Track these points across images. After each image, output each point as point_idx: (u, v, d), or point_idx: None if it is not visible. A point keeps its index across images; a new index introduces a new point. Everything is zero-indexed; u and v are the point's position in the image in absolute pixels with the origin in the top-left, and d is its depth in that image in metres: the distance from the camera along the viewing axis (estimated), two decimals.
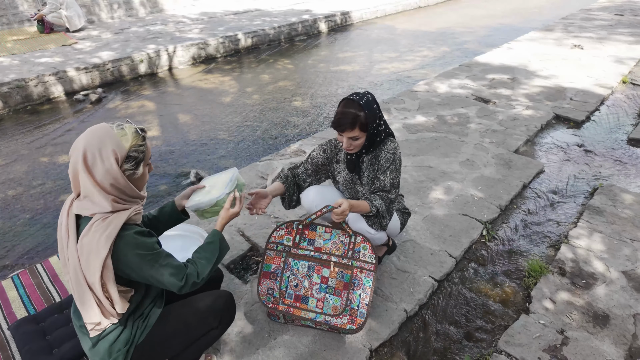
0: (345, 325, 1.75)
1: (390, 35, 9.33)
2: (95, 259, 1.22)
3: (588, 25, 8.38)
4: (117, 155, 1.23)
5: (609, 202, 2.84)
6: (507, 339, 1.88)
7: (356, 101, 1.75)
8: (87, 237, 1.23)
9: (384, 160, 1.87)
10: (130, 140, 1.27)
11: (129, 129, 1.29)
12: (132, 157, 1.27)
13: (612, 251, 2.40)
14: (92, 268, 1.23)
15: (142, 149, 1.30)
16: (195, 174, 3.68)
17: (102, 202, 1.24)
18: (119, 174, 1.24)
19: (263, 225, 2.63)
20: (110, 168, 1.22)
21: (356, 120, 1.73)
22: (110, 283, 1.26)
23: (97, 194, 1.23)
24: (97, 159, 1.21)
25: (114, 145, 1.23)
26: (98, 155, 1.21)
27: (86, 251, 1.23)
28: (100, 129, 1.25)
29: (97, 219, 1.25)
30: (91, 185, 1.22)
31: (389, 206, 1.89)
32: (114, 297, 1.28)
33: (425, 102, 4.65)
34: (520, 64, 5.95)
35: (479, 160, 3.39)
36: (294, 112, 5.22)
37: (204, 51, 7.35)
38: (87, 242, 1.23)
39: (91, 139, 1.23)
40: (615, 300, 2.08)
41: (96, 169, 1.22)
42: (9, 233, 3.10)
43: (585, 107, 4.45)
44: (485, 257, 2.46)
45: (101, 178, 1.23)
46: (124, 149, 1.25)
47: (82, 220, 1.29)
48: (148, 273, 1.30)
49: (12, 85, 5.27)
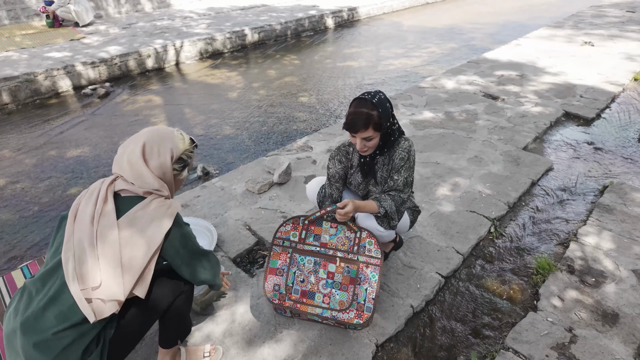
0: (352, 320, 1.75)
1: (397, 32, 9.27)
2: (159, 229, 1.30)
3: (598, 22, 8.27)
4: (172, 154, 1.39)
5: (619, 200, 2.81)
6: (514, 336, 1.87)
7: (368, 100, 1.71)
8: (146, 211, 1.31)
9: (398, 159, 1.83)
10: (186, 145, 1.45)
11: (185, 136, 1.47)
12: (182, 160, 1.45)
13: (622, 249, 2.37)
14: (148, 240, 1.29)
15: (191, 155, 1.49)
16: (202, 168, 3.69)
17: (159, 185, 1.36)
18: (170, 170, 1.39)
19: (269, 219, 2.63)
20: (164, 162, 1.37)
21: (369, 120, 1.69)
22: (154, 259, 1.31)
23: (150, 176, 1.35)
24: (155, 152, 1.36)
25: (173, 145, 1.40)
26: (157, 149, 1.37)
27: (142, 224, 1.29)
28: (164, 129, 1.43)
29: (157, 199, 1.35)
30: (147, 171, 1.34)
31: (400, 206, 1.86)
32: (147, 276, 1.31)
33: (432, 98, 4.62)
34: (528, 61, 5.89)
35: (486, 157, 3.36)
36: (301, 107, 5.21)
37: (210, 46, 7.35)
38: (149, 214, 1.31)
39: (154, 134, 1.39)
40: (625, 299, 2.05)
41: (152, 160, 1.36)
42: (18, 225, 3.13)
43: (596, 105, 4.39)
44: (492, 254, 2.44)
45: (154, 168, 1.36)
46: (180, 150, 1.42)
47: (123, 200, 1.34)
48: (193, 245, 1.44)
49: (21, 79, 5.31)
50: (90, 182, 3.36)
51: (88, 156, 4.08)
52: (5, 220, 3.19)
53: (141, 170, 1.33)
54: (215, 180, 3.10)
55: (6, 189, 3.59)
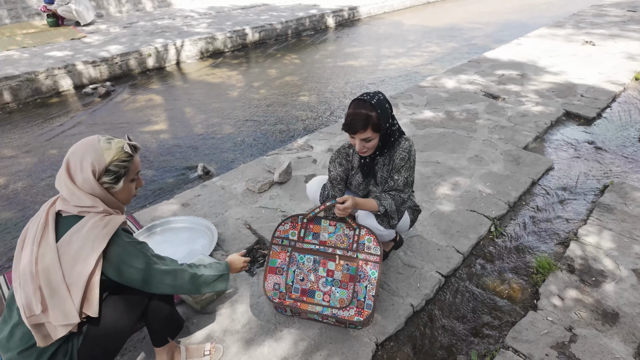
0: (352, 317, 1.75)
1: (398, 31, 9.27)
2: (91, 253, 1.25)
3: (599, 21, 8.25)
4: (94, 168, 1.30)
5: (619, 199, 2.81)
6: (514, 335, 1.87)
7: (367, 101, 1.71)
8: (83, 233, 1.26)
9: (399, 159, 1.83)
10: (113, 155, 1.32)
11: (116, 145, 1.34)
12: (112, 172, 1.33)
13: (622, 249, 2.37)
14: (83, 263, 1.25)
15: (124, 165, 1.35)
16: (203, 167, 3.70)
17: (91, 202, 1.30)
18: (96, 185, 1.31)
19: (269, 218, 2.63)
20: (87, 178, 1.29)
21: (368, 121, 1.69)
22: (95, 282, 1.27)
23: (79, 193, 1.30)
24: (78, 168, 1.29)
25: (93, 158, 1.29)
26: (79, 164, 1.29)
27: (77, 246, 1.25)
28: (86, 141, 1.33)
29: (94, 217, 1.29)
30: (75, 188, 1.30)
31: (400, 206, 1.86)
32: (94, 297, 1.28)
33: (433, 97, 4.62)
34: (529, 60, 5.88)
35: (487, 156, 3.36)
36: (301, 106, 5.21)
37: (211, 45, 7.35)
38: (83, 237, 1.26)
39: (77, 149, 1.32)
40: (625, 298, 2.05)
41: (77, 176, 1.30)
42: (20, 224, 3.14)
43: (596, 104, 4.39)
44: (493, 253, 2.45)
45: (81, 185, 1.30)
46: (104, 163, 1.31)
47: (63, 220, 1.31)
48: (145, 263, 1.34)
49: (22, 79, 5.31)
50: None
51: None
52: (6, 218, 3.20)
53: (70, 188, 1.29)
54: (216, 180, 3.10)
55: (7, 187, 3.60)
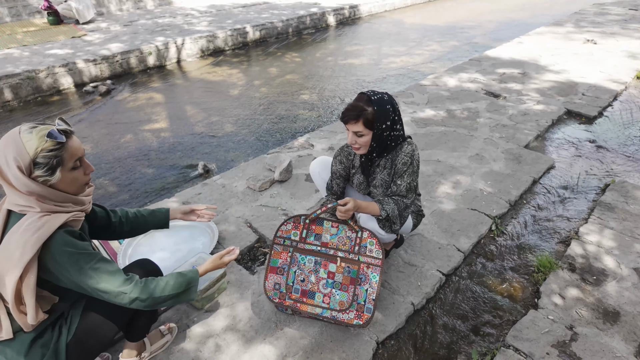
0: (352, 321, 1.75)
1: (399, 29, 9.25)
2: (18, 260, 1.14)
3: (601, 20, 8.23)
4: (19, 164, 1.15)
5: (620, 198, 2.80)
6: (515, 334, 1.87)
7: (367, 95, 1.70)
8: (16, 235, 1.16)
9: (401, 163, 1.80)
10: (35, 146, 1.15)
11: (37, 133, 1.17)
12: (42, 164, 1.17)
13: (623, 248, 2.37)
14: (13, 269, 1.15)
15: (53, 154, 1.18)
16: (203, 166, 3.69)
17: (25, 201, 1.18)
18: (29, 182, 1.17)
19: (270, 217, 2.63)
20: (16, 176, 1.16)
21: (361, 115, 1.68)
22: (28, 290, 1.17)
23: (16, 196, 1.18)
24: (5, 166, 1.16)
25: (15, 153, 1.15)
26: (5, 162, 1.16)
27: (11, 249, 1.15)
28: (7, 135, 1.18)
29: (31, 217, 1.18)
30: (9, 188, 1.19)
31: (403, 211, 1.84)
32: (28, 305, 1.19)
33: (434, 96, 4.61)
34: (531, 59, 5.87)
35: (488, 155, 3.35)
36: (302, 105, 5.20)
37: (212, 44, 7.34)
38: (15, 241, 1.16)
39: (1, 144, 1.17)
40: (626, 297, 2.05)
41: (8, 175, 1.17)
42: None
43: (598, 103, 4.38)
44: (494, 252, 2.44)
45: (15, 183, 1.17)
46: (27, 157, 1.15)
47: (12, 216, 1.22)
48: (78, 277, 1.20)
49: (23, 77, 5.31)
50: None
51: (89, 153, 4.08)
52: None
53: (7, 188, 1.19)
54: (217, 178, 3.10)
55: None
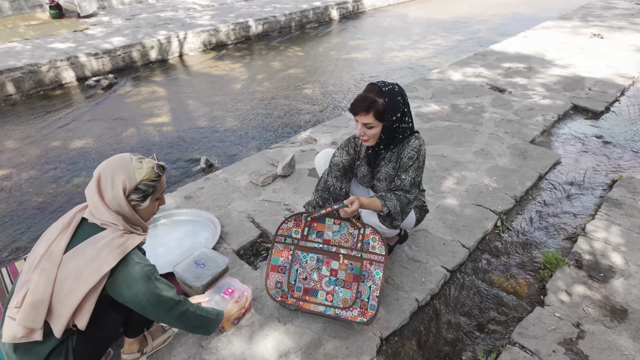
0: (355, 318, 1.73)
1: (403, 23, 9.16)
2: (99, 267, 1.26)
3: (607, 14, 8.12)
4: (125, 185, 1.33)
5: (628, 194, 2.76)
6: (521, 331, 1.84)
7: (378, 86, 1.67)
8: (98, 246, 1.29)
9: (407, 158, 1.77)
10: (144, 174, 1.37)
11: (147, 164, 1.39)
12: (141, 190, 1.37)
13: (631, 244, 2.34)
14: (87, 276, 1.26)
15: (153, 184, 1.40)
16: (206, 160, 3.67)
17: (111, 218, 1.33)
18: (125, 203, 1.34)
19: (273, 212, 2.61)
20: (117, 195, 1.33)
21: (372, 106, 1.65)
22: (92, 298, 1.28)
23: (105, 211, 1.33)
24: (109, 184, 1.33)
25: (126, 176, 1.33)
26: (110, 181, 1.33)
27: (89, 257, 1.27)
28: (119, 159, 1.37)
29: (114, 233, 1.32)
30: (100, 203, 1.33)
31: (406, 207, 1.81)
32: (87, 310, 1.28)
33: (438, 90, 4.56)
34: (536, 53, 5.79)
35: (493, 150, 3.31)
36: (305, 99, 5.16)
37: (214, 38, 7.29)
38: (96, 249, 1.28)
39: (109, 165, 1.35)
40: (634, 295, 2.02)
41: (106, 193, 1.33)
42: (22, 215, 3.13)
43: (605, 98, 4.32)
44: (499, 248, 2.41)
45: (109, 201, 1.33)
46: (135, 181, 1.35)
47: (85, 225, 1.35)
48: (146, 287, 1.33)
49: (25, 70, 5.29)
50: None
51: (91, 147, 4.07)
52: (9, 210, 3.19)
53: (96, 203, 1.32)
54: (219, 172, 3.08)
55: (10, 179, 3.59)
